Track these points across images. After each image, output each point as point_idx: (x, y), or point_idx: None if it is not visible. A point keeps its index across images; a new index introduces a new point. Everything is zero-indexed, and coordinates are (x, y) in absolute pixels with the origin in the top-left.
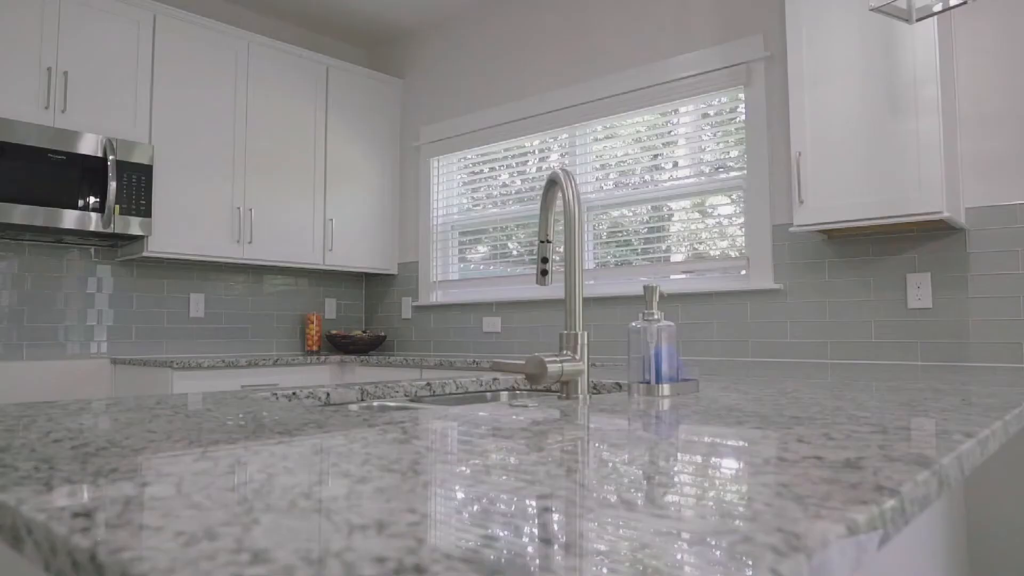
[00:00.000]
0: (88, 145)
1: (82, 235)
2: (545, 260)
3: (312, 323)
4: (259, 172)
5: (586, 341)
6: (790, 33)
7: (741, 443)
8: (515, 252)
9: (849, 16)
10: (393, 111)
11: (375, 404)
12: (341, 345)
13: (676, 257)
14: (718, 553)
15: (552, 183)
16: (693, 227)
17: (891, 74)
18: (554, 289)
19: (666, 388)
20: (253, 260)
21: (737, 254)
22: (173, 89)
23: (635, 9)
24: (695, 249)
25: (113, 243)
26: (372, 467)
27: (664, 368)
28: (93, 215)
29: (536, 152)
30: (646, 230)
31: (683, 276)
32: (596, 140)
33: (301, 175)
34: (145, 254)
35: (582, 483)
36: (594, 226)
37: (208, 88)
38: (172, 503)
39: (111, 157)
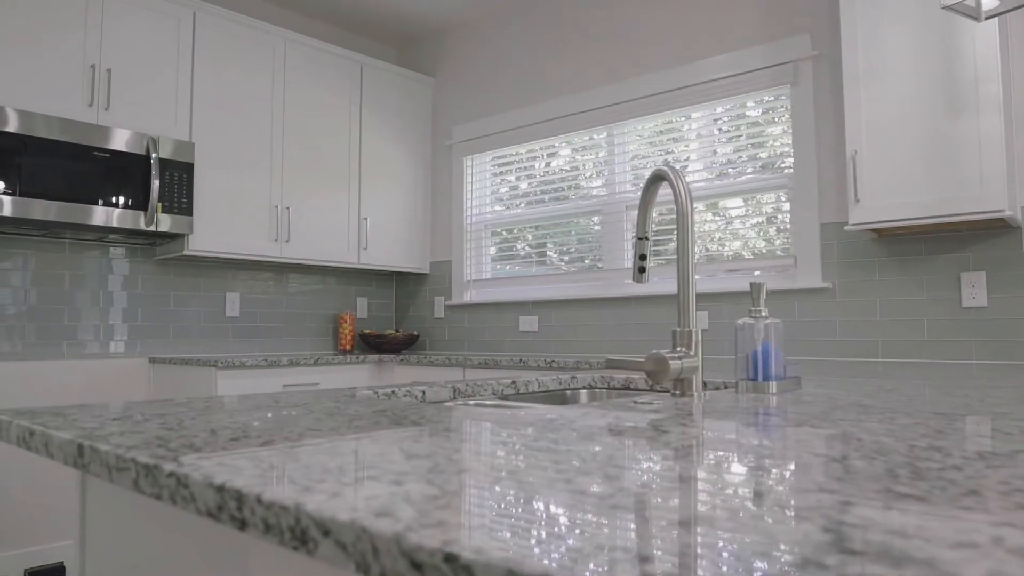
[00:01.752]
0: (131, 142)
1: (123, 233)
2: (643, 257)
3: (345, 322)
4: (296, 170)
5: (700, 338)
6: (845, 33)
7: (943, 434)
8: (551, 251)
9: (905, 15)
10: (424, 109)
11: (471, 403)
12: (374, 344)
13: (721, 255)
14: None
15: (656, 179)
16: (736, 226)
17: (950, 72)
18: (593, 287)
19: (774, 385)
20: (291, 259)
21: (783, 253)
22: (212, 86)
23: (674, 8)
24: (734, 248)
25: (152, 241)
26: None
27: (772, 365)
28: (136, 213)
29: (571, 151)
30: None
31: (727, 274)
32: (637, 139)
33: (336, 174)
34: (186, 253)
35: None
36: (633, 225)
37: (246, 86)
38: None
39: (154, 155)
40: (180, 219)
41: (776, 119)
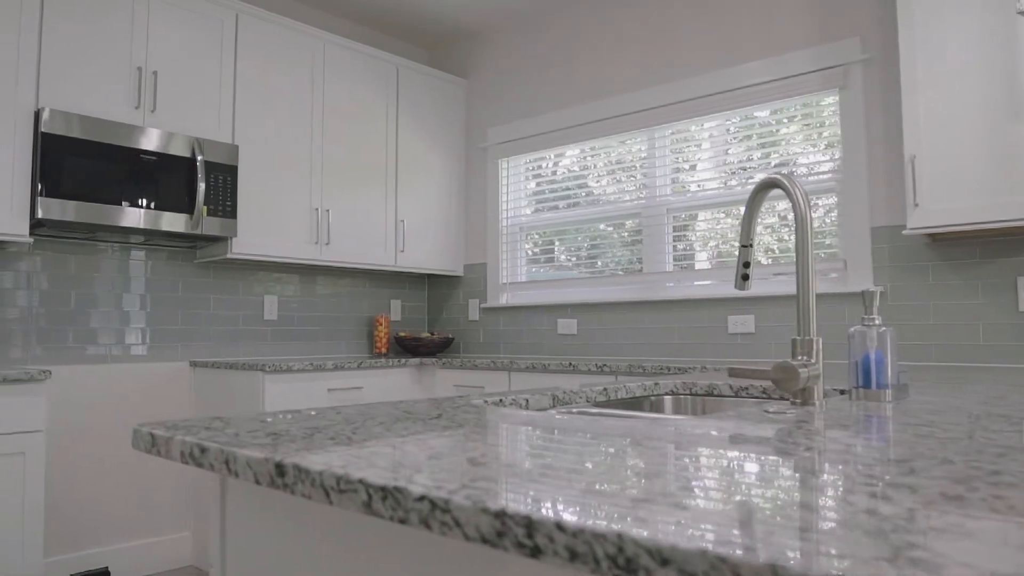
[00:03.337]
0: (178, 145)
1: (166, 236)
2: (747, 264)
3: (381, 325)
4: (335, 173)
5: (820, 346)
6: (903, 37)
7: None
8: (588, 254)
9: (966, 20)
10: (457, 111)
11: (574, 410)
12: (410, 347)
13: (764, 260)
14: None
15: (766, 186)
16: (781, 231)
17: (1013, 75)
18: (633, 290)
19: (889, 393)
20: (331, 262)
21: (830, 256)
22: (254, 89)
23: (716, 11)
24: (785, 250)
25: (192, 245)
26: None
27: (886, 372)
28: (182, 216)
29: (609, 154)
30: (732, 234)
31: (775, 277)
32: (675, 141)
33: (374, 176)
34: (229, 256)
35: None
36: (674, 228)
37: (286, 88)
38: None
39: (199, 157)
40: (225, 222)
41: (821, 123)
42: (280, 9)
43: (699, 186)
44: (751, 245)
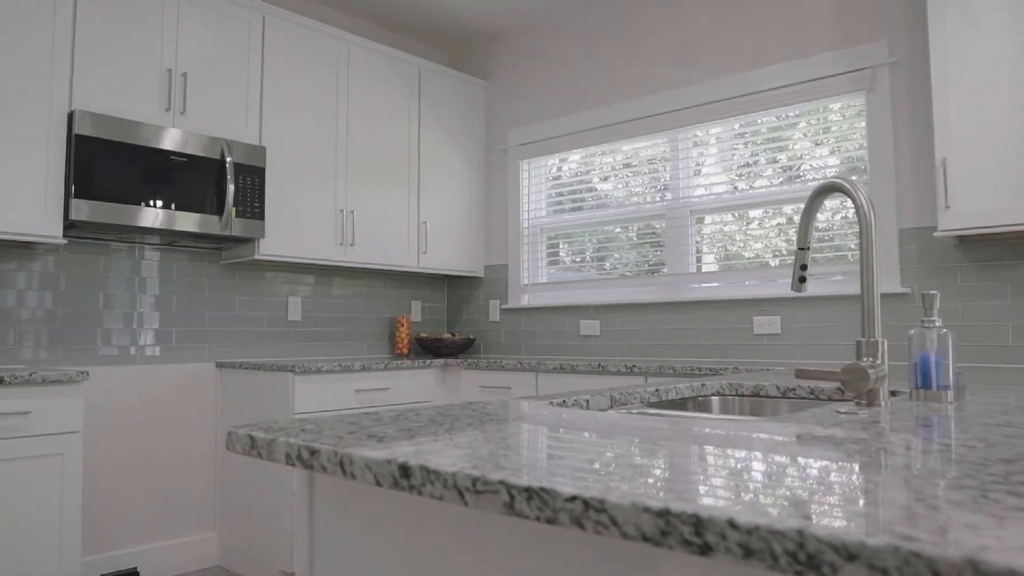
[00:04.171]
0: (208, 147)
1: (193, 237)
2: (804, 267)
3: (402, 326)
4: (359, 174)
5: (886, 348)
6: (933, 40)
7: None
8: (609, 256)
9: (998, 23)
10: (478, 113)
11: (634, 411)
12: (431, 348)
13: (773, 262)
14: None
15: (825, 190)
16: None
17: None
18: (656, 291)
19: (950, 394)
20: (356, 263)
21: (855, 258)
22: (280, 90)
23: (741, 13)
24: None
25: (219, 246)
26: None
27: (948, 373)
28: (212, 218)
29: (632, 156)
30: (756, 234)
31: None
32: (697, 144)
33: (397, 178)
34: (257, 257)
35: None
36: (698, 230)
37: (312, 89)
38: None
39: (228, 159)
40: (253, 223)
41: (849, 125)
42: (304, 10)
43: (706, 189)
44: (808, 248)
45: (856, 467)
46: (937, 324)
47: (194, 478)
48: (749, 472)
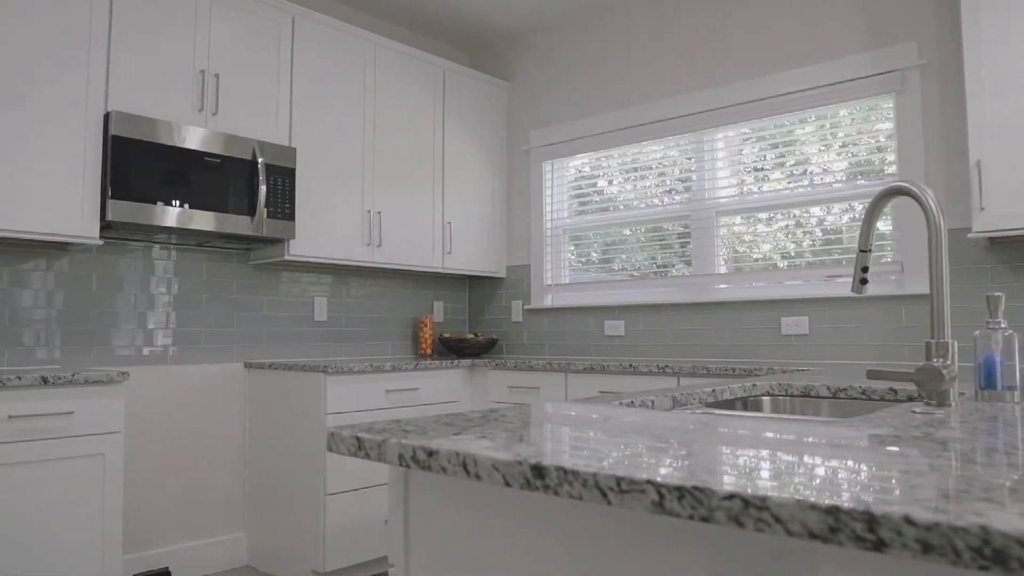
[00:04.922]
0: (240, 148)
1: (224, 238)
2: (865, 269)
3: (426, 326)
4: (385, 175)
5: (956, 349)
6: (967, 43)
7: None
8: (633, 256)
9: None
10: (500, 114)
11: (699, 411)
12: (455, 348)
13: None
14: None
15: (890, 193)
16: (836, 234)
17: None
18: (681, 292)
19: (1017, 394)
20: (383, 263)
21: (889, 259)
22: (309, 91)
23: (768, 16)
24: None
25: (247, 246)
26: None
27: (1013, 374)
28: (244, 219)
29: (657, 157)
30: (783, 235)
31: (827, 279)
32: (725, 145)
33: (421, 178)
34: (287, 258)
35: None
36: (725, 230)
37: (340, 90)
38: None
39: (260, 159)
40: (284, 224)
41: (876, 128)
42: (330, 11)
43: (738, 188)
44: (870, 250)
45: (979, 466)
46: (1003, 325)
47: (223, 478)
48: (888, 469)
